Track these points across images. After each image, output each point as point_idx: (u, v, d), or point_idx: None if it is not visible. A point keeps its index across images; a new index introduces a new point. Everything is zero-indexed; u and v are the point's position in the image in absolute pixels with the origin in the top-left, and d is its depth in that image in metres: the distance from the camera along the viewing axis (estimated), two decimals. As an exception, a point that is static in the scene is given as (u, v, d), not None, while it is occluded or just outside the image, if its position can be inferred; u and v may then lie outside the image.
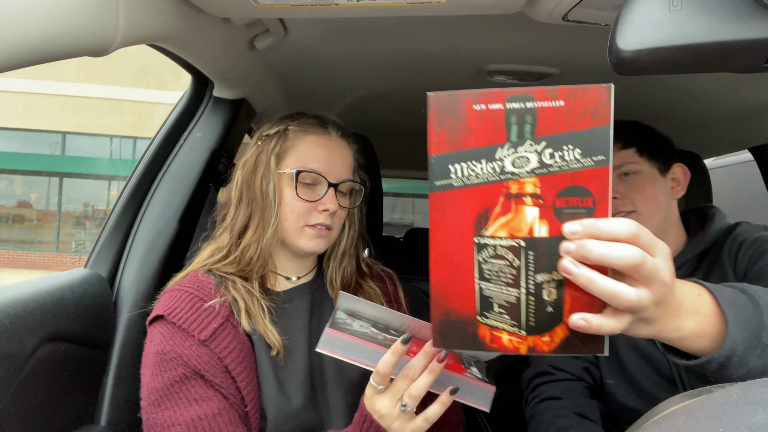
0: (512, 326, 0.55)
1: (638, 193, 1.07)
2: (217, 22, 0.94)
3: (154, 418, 0.79)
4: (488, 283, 0.55)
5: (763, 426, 0.32)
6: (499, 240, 0.53)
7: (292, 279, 0.99)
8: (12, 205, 13.11)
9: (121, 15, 0.68)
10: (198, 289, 0.86)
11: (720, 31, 0.50)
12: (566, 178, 0.51)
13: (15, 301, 0.79)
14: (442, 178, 0.54)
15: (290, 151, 0.94)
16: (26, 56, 0.58)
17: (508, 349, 0.56)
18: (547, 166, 0.51)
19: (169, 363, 0.81)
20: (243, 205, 0.94)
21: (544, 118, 0.51)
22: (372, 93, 1.52)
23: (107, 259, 1.08)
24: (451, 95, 0.53)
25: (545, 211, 0.52)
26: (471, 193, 0.53)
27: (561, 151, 0.51)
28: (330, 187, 0.92)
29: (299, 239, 0.93)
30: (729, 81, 1.26)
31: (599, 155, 0.50)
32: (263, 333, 0.86)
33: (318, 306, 0.98)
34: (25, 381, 0.78)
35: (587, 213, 0.51)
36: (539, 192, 0.52)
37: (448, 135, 0.53)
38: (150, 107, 11.20)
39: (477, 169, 0.53)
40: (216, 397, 0.80)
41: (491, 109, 0.52)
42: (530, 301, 0.53)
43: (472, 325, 0.57)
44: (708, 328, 0.57)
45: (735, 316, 0.58)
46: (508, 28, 1.04)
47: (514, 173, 0.52)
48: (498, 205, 0.53)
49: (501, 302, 0.55)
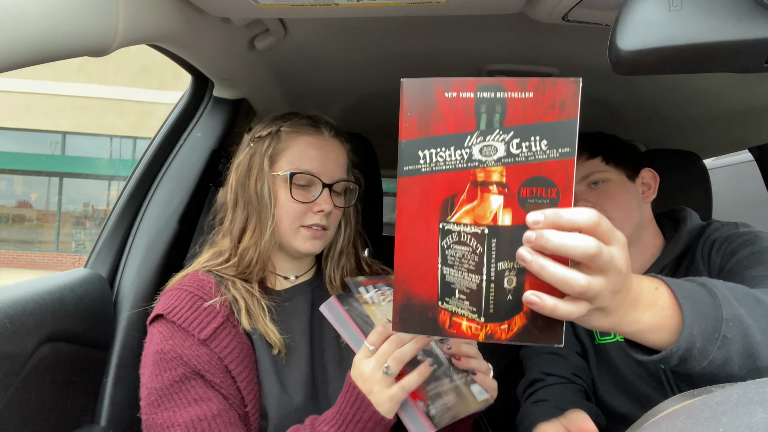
0: (472, 313, 0.55)
1: (608, 200, 1.08)
2: (217, 22, 0.94)
3: (154, 419, 0.79)
4: (451, 268, 0.56)
5: (763, 426, 0.32)
6: (464, 226, 0.54)
7: (291, 278, 0.99)
8: (12, 205, 13.11)
9: (121, 15, 0.68)
10: (198, 288, 0.86)
11: (720, 31, 0.50)
12: (532, 169, 0.52)
13: (15, 301, 0.79)
14: (411, 163, 0.55)
15: (283, 153, 0.93)
16: (26, 56, 0.58)
17: (465, 336, 0.56)
18: (513, 156, 0.52)
19: (168, 363, 0.80)
20: (239, 208, 0.94)
21: (513, 108, 0.52)
22: (372, 93, 1.52)
23: (107, 259, 1.08)
24: (424, 82, 0.54)
25: (510, 199, 0.53)
26: (438, 179, 0.54)
27: (528, 142, 0.52)
28: (324, 187, 0.92)
29: (295, 240, 0.93)
30: (729, 81, 1.26)
31: (565, 147, 0.52)
32: (264, 332, 0.86)
33: (318, 304, 0.98)
34: (25, 381, 0.78)
35: (551, 203, 0.52)
36: (505, 181, 0.53)
37: (419, 121, 0.54)
38: (150, 107, 11.20)
39: (445, 156, 0.54)
40: (216, 397, 0.80)
41: (462, 97, 0.53)
42: (491, 288, 0.54)
43: (432, 310, 0.57)
44: (666, 320, 0.58)
45: (692, 309, 0.59)
46: (508, 28, 1.04)
47: (481, 161, 0.53)
48: (464, 192, 0.54)
49: (462, 288, 0.55)
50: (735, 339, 0.60)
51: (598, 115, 1.63)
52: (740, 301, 0.63)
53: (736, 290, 0.66)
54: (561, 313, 0.51)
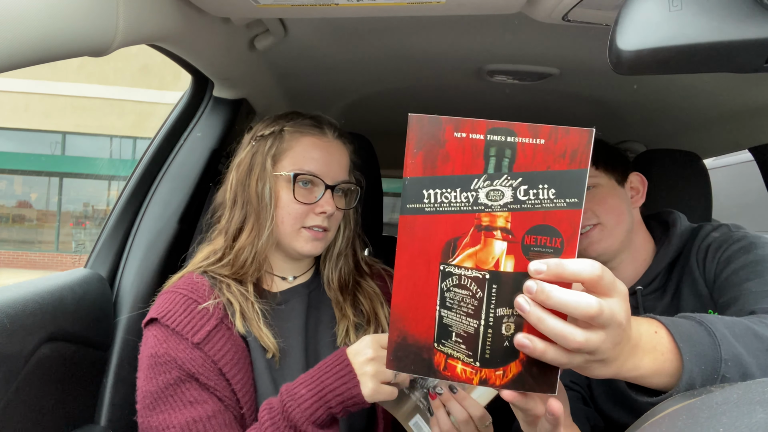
0: (467, 357, 0.55)
1: (600, 205, 1.07)
2: (217, 22, 0.94)
3: (149, 422, 0.79)
4: (449, 311, 0.55)
5: (763, 426, 0.32)
6: (465, 270, 0.54)
7: (289, 279, 0.99)
8: (12, 205, 13.10)
9: (121, 15, 0.68)
10: (192, 291, 0.86)
11: (720, 31, 0.50)
12: (538, 217, 0.52)
13: (15, 301, 0.79)
14: (415, 201, 0.54)
15: (286, 153, 0.93)
16: (26, 56, 0.58)
17: (460, 379, 0.56)
18: (520, 203, 0.52)
19: (163, 366, 0.80)
20: (237, 207, 0.93)
21: (523, 154, 0.51)
22: (372, 93, 1.52)
23: (107, 259, 1.08)
24: (433, 119, 0.53)
25: (513, 246, 0.52)
26: (442, 220, 0.54)
27: (536, 189, 0.52)
28: (327, 189, 0.92)
29: (296, 242, 0.92)
30: (729, 81, 1.26)
31: (573, 197, 0.51)
32: (258, 336, 0.86)
33: (315, 307, 0.97)
34: (25, 381, 0.78)
35: (554, 253, 0.51)
36: (510, 227, 0.52)
37: (425, 159, 0.53)
38: (150, 107, 11.19)
39: (451, 197, 0.53)
40: (211, 399, 0.80)
41: (472, 138, 0.52)
42: (488, 333, 0.54)
43: (428, 351, 0.57)
44: (666, 365, 0.58)
45: (691, 352, 0.59)
46: (508, 28, 1.04)
47: (487, 205, 0.53)
48: (467, 235, 0.53)
49: (459, 332, 0.55)
50: (734, 378, 0.60)
51: (598, 115, 1.63)
52: (739, 339, 0.63)
53: (734, 327, 0.65)
54: (550, 358, 0.51)
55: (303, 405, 0.75)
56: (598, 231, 1.06)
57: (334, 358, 0.78)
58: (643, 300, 1.07)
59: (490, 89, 1.43)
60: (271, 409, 0.77)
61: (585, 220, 1.07)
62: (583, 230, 1.07)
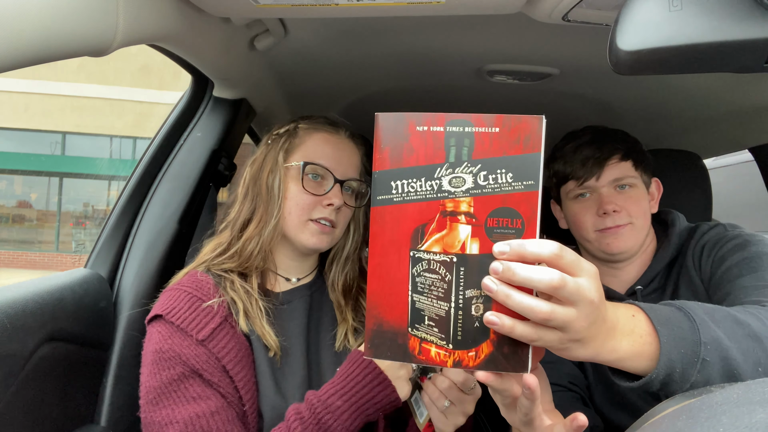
0: (440, 339, 0.57)
1: (635, 205, 1.07)
2: (217, 22, 0.94)
3: (152, 417, 0.80)
4: (420, 295, 0.58)
5: (763, 426, 0.32)
6: (433, 254, 0.56)
7: (292, 280, 0.99)
8: (12, 205, 13.10)
9: (121, 15, 0.68)
10: (197, 289, 0.87)
11: (720, 31, 0.50)
12: (498, 200, 0.55)
13: (15, 301, 0.79)
14: (384, 193, 0.57)
15: (299, 147, 0.95)
16: (26, 56, 0.58)
17: (434, 362, 0.58)
18: (481, 188, 0.55)
19: (167, 362, 0.81)
20: (247, 200, 0.95)
21: (480, 142, 0.55)
22: (372, 93, 1.52)
23: (107, 259, 1.08)
24: (397, 116, 0.57)
25: (477, 229, 0.55)
26: (409, 208, 0.57)
27: (495, 174, 0.55)
28: (336, 183, 0.93)
29: (302, 234, 0.93)
30: (729, 81, 1.26)
31: (529, 180, 0.54)
32: (261, 334, 0.87)
33: (317, 308, 0.98)
34: (25, 381, 0.78)
35: (516, 233, 0.54)
36: (473, 211, 0.55)
37: (392, 153, 0.57)
38: (150, 107, 11.19)
39: (416, 186, 0.57)
40: (214, 395, 0.81)
41: (432, 131, 0.56)
42: (459, 315, 0.56)
43: (402, 336, 0.58)
44: (645, 347, 0.59)
45: (669, 335, 0.60)
46: (508, 28, 1.04)
47: (450, 192, 0.56)
48: (434, 222, 0.57)
49: (431, 315, 0.57)
50: (714, 362, 0.61)
51: (598, 115, 1.63)
52: (718, 324, 0.64)
53: (714, 312, 0.66)
54: (519, 334, 0.53)
55: (342, 417, 0.77)
56: (629, 230, 1.07)
57: (361, 367, 0.79)
58: (644, 300, 1.07)
59: (490, 89, 1.43)
60: (303, 419, 0.78)
61: (618, 219, 1.08)
62: (615, 225, 1.08)
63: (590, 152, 1.11)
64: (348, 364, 0.80)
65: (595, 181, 1.10)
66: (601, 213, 1.08)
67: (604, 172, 1.09)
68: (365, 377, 0.78)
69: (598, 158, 1.09)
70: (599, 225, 1.09)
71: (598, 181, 1.10)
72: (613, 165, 1.09)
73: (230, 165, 1.28)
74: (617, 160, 1.09)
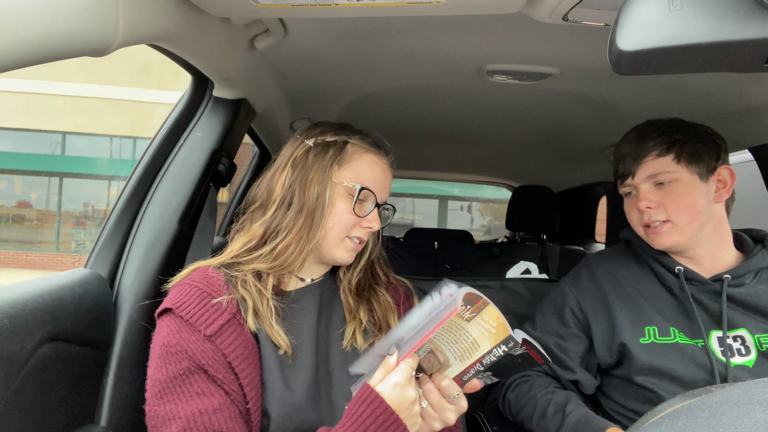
0: None
1: (674, 203, 1.06)
2: (217, 22, 0.94)
3: (156, 410, 0.80)
4: None
5: (763, 426, 0.32)
6: None
7: (306, 280, 1.01)
8: (12, 205, 13.10)
9: (121, 15, 0.68)
10: (207, 285, 0.88)
11: (720, 31, 0.50)
12: None
13: (15, 301, 0.79)
14: None
15: (348, 164, 0.96)
16: (26, 56, 0.58)
17: None
18: None
19: (174, 356, 0.82)
20: (293, 205, 0.93)
21: None
22: (372, 93, 1.52)
23: (107, 259, 1.08)
24: None
25: None
26: None
27: None
28: (376, 206, 0.97)
29: (338, 249, 0.95)
30: (729, 81, 1.26)
31: None
32: (270, 333, 0.87)
33: (327, 306, 0.99)
34: (25, 381, 0.78)
35: None
36: None
37: None
38: (150, 107, 11.19)
39: None
40: (218, 392, 0.81)
41: None
42: None
43: None
44: None
45: None
46: (508, 28, 1.04)
47: None
48: None
49: None
50: None
51: (598, 115, 1.63)
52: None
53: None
54: None
55: None
56: (667, 227, 1.08)
57: (372, 407, 0.75)
58: (729, 289, 1.08)
59: (490, 89, 1.43)
60: None
61: (654, 215, 1.08)
62: (654, 224, 1.09)
63: (628, 150, 1.13)
64: (356, 403, 0.77)
65: (632, 179, 1.11)
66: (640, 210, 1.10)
67: (639, 169, 1.10)
68: (376, 419, 0.74)
69: (635, 156, 1.10)
70: (643, 221, 1.11)
71: (633, 179, 1.11)
72: (650, 161, 1.08)
73: (230, 165, 1.28)
74: (654, 156, 1.08)
